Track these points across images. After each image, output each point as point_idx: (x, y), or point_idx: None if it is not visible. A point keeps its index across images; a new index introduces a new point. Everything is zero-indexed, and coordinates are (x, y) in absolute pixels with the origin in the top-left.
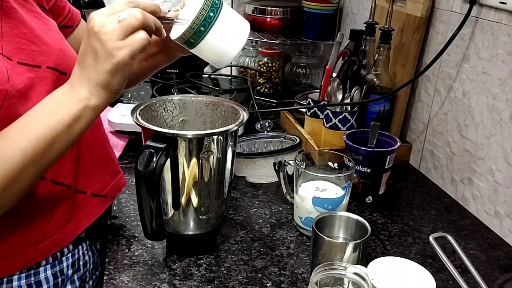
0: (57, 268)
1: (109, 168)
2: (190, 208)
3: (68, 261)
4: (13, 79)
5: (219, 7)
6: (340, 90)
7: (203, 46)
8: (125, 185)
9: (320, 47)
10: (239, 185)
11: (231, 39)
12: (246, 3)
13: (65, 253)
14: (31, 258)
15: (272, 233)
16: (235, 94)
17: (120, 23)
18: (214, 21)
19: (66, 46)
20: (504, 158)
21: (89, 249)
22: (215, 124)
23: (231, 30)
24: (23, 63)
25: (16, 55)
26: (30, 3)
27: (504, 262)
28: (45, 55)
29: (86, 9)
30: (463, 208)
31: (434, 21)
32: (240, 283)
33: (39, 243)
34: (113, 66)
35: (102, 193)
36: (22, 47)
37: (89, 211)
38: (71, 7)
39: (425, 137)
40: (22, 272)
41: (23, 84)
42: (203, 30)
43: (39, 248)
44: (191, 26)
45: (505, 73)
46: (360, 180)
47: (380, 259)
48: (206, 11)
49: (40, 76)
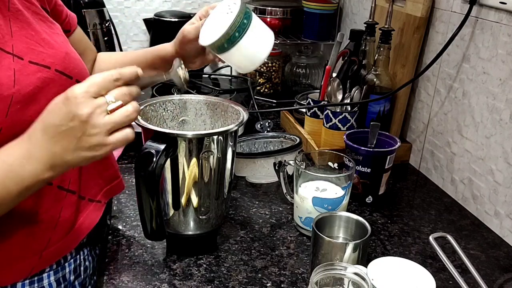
0: (60, 274)
1: (106, 174)
2: (190, 208)
3: (70, 266)
4: (21, 81)
5: (250, 15)
6: (340, 90)
7: (235, 51)
8: (122, 190)
9: (320, 47)
10: (239, 185)
11: (261, 45)
12: (246, 3)
13: (68, 259)
14: (35, 266)
15: (272, 233)
16: (235, 94)
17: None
18: (247, 28)
19: (71, 50)
20: (504, 158)
21: (90, 254)
22: (215, 124)
23: (261, 37)
24: (34, 62)
25: (27, 54)
26: (35, 6)
27: (504, 262)
28: (53, 58)
29: (86, 9)
30: (463, 208)
31: (434, 21)
32: (240, 283)
33: (44, 250)
34: (92, 157)
35: (96, 198)
36: (31, 47)
37: (88, 216)
38: (67, 11)
39: (425, 137)
40: (26, 278)
41: (32, 86)
42: (237, 36)
43: (44, 255)
44: (228, 32)
45: (505, 73)
46: (360, 180)
47: (380, 259)
48: (241, 18)
49: (50, 77)
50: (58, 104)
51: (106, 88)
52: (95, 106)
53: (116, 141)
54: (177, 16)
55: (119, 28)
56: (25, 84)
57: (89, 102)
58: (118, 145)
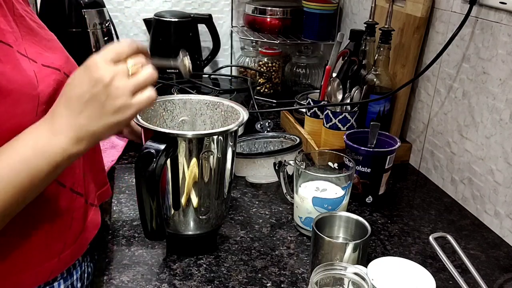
0: (69, 282)
1: (98, 178)
2: (190, 208)
3: (77, 274)
4: (41, 83)
5: None
6: (340, 90)
7: None
8: (109, 196)
9: (320, 47)
10: (239, 185)
11: None
12: (246, 3)
13: (76, 265)
14: (54, 269)
15: (272, 233)
16: (235, 94)
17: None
18: None
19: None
20: (504, 158)
21: (91, 261)
22: (215, 124)
23: None
24: (46, 65)
25: (38, 58)
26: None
27: (504, 262)
28: (59, 61)
29: (86, 9)
30: (463, 208)
31: (434, 21)
32: (240, 283)
33: (62, 253)
34: (117, 122)
35: (95, 203)
36: (39, 51)
37: (92, 219)
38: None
39: (425, 137)
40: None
41: (51, 88)
42: None
43: (62, 258)
44: None
45: (505, 73)
46: (360, 180)
47: (380, 259)
48: None
49: (62, 79)
50: (79, 75)
51: (124, 54)
52: (116, 70)
53: (140, 101)
54: (177, 16)
55: (119, 28)
56: (46, 85)
57: (110, 66)
58: (142, 106)
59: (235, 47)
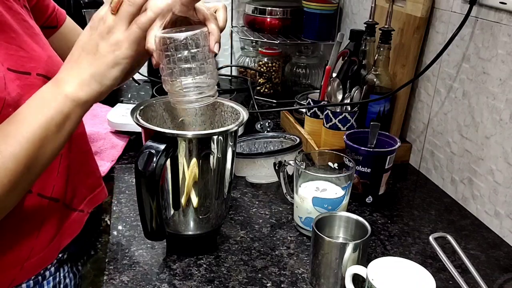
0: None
1: (88, 182)
2: (190, 208)
3: (49, 285)
4: (8, 86)
5: None
6: (340, 90)
7: None
8: (105, 198)
9: (320, 47)
10: (239, 185)
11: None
12: (246, 3)
13: (47, 276)
14: (16, 277)
15: (272, 233)
16: (235, 94)
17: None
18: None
19: (53, 53)
20: (504, 158)
21: (70, 271)
22: (215, 124)
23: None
24: (12, 69)
25: (5, 61)
26: (15, 6)
27: (504, 262)
28: (35, 62)
29: (86, 9)
30: (463, 208)
31: (434, 21)
32: (240, 283)
33: (26, 261)
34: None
35: (79, 208)
36: (10, 53)
37: (70, 226)
38: (55, 6)
39: (425, 137)
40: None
41: (15, 93)
42: None
43: (25, 266)
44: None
45: (505, 73)
46: (360, 180)
47: (380, 259)
48: None
49: (30, 83)
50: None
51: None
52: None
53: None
54: None
55: None
56: (11, 89)
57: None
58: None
59: (235, 47)
